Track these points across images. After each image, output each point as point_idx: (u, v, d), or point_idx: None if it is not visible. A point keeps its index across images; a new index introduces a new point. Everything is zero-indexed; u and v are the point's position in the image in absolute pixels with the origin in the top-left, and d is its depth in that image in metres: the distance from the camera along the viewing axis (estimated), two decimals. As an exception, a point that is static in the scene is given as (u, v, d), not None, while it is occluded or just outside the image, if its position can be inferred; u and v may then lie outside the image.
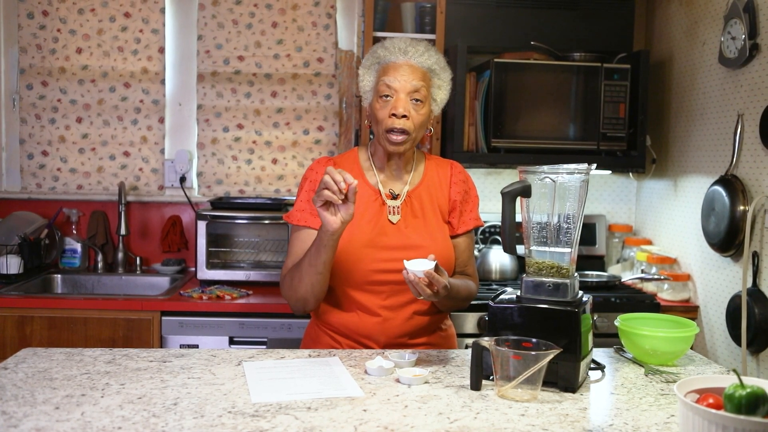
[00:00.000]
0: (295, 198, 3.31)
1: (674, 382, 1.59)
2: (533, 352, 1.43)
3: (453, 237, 1.96)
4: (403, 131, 1.81)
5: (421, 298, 1.67)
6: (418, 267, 1.62)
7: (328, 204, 1.64)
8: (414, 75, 1.83)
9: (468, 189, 2.01)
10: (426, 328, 1.91)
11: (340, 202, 1.62)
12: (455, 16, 3.12)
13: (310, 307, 1.86)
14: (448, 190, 1.97)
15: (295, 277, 1.81)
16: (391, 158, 1.92)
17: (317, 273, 1.77)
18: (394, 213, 1.89)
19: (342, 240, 1.80)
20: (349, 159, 1.97)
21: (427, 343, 1.92)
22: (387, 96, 1.83)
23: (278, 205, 3.16)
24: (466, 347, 2.46)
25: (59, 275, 3.19)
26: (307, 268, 1.77)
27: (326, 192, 1.60)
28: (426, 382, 1.55)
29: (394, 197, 1.91)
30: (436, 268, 1.65)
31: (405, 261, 1.64)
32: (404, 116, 1.81)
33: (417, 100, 1.83)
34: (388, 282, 1.84)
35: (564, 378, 1.51)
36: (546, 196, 1.62)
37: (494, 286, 2.99)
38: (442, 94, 1.92)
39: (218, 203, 3.19)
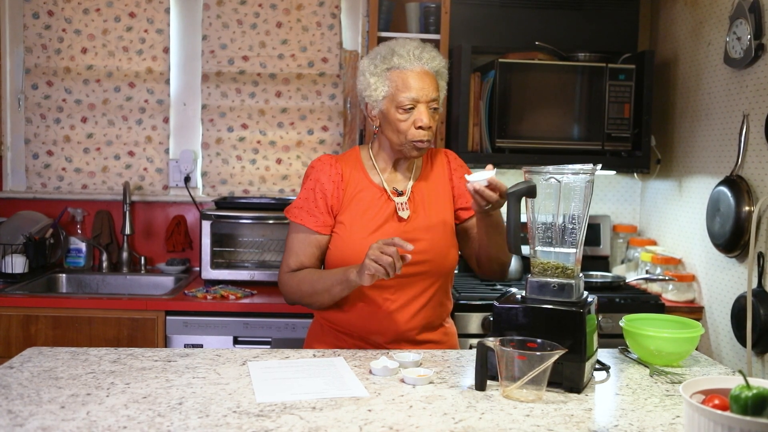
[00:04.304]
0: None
1: (679, 383, 1.59)
2: (538, 353, 1.43)
3: (470, 218, 1.98)
4: (428, 140, 1.86)
5: (487, 207, 1.71)
6: (481, 176, 1.69)
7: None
8: (431, 84, 1.86)
9: (468, 172, 2.02)
10: (430, 324, 1.93)
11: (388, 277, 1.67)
12: (460, 16, 3.12)
13: (304, 306, 1.95)
14: (449, 179, 1.99)
15: (304, 290, 1.89)
16: (402, 160, 1.93)
17: (332, 301, 1.86)
18: (403, 209, 1.91)
19: (353, 239, 1.86)
20: (351, 158, 1.98)
21: (430, 340, 1.93)
22: (409, 108, 1.83)
23: (282, 205, 3.15)
24: (471, 347, 2.46)
25: (64, 275, 3.20)
26: (323, 294, 1.85)
27: (381, 270, 1.64)
28: (431, 383, 1.55)
29: (399, 194, 1.92)
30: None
31: (466, 176, 1.72)
32: (429, 127, 1.84)
33: (434, 108, 1.87)
34: (396, 276, 1.84)
35: (569, 378, 1.51)
36: (551, 197, 1.62)
37: (499, 287, 2.99)
38: (443, 93, 1.95)
39: (223, 203, 3.20)
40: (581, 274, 1.64)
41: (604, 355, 1.82)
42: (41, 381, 1.50)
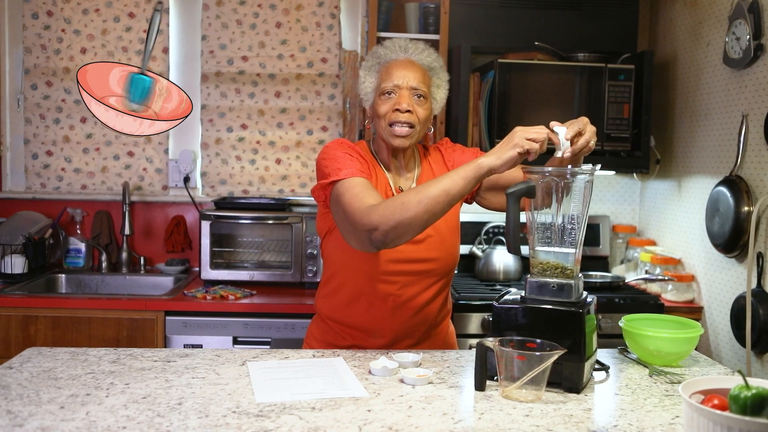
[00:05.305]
0: (297, 197, 3.35)
1: (679, 383, 1.59)
2: (537, 353, 1.43)
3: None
4: (408, 124, 1.81)
5: (592, 143, 1.65)
6: (562, 142, 1.62)
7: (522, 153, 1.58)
8: (416, 72, 1.84)
9: (462, 150, 2.00)
10: (432, 321, 1.93)
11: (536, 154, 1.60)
12: (459, 17, 3.12)
13: (398, 238, 1.62)
14: (448, 170, 1.93)
15: (409, 200, 1.59)
16: (396, 155, 1.91)
17: (449, 204, 1.60)
18: None
19: None
20: (363, 149, 1.93)
21: (430, 337, 1.94)
22: (390, 93, 1.83)
23: (282, 206, 3.17)
24: (470, 348, 2.46)
25: (63, 275, 3.20)
26: (440, 196, 1.58)
27: (536, 147, 1.57)
28: (430, 383, 1.55)
29: None
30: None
31: (557, 155, 1.63)
32: (408, 111, 1.80)
33: (420, 96, 1.83)
34: (403, 272, 1.85)
35: (568, 379, 1.51)
36: (550, 197, 1.62)
37: (498, 287, 2.99)
38: (441, 93, 1.92)
39: (222, 203, 3.20)
40: (581, 274, 1.64)
41: (603, 355, 1.82)
42: (41, 381, 1.50)
